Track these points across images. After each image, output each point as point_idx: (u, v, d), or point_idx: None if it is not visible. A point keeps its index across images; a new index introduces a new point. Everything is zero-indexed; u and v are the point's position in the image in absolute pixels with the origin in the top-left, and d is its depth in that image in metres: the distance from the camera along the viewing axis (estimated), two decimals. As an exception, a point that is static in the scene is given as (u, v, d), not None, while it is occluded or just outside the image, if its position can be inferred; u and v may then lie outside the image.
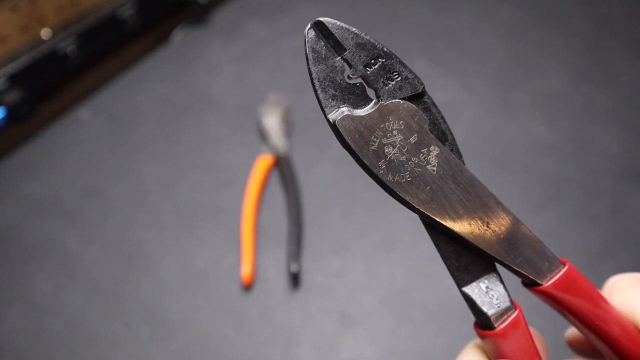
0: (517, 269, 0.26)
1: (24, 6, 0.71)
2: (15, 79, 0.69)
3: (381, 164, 0.25)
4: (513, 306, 0.26)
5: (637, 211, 0.63)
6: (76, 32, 0.74)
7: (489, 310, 0.26)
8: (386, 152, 0.25)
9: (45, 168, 0.71)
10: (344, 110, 0.25)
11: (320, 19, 0.24)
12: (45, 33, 0.73)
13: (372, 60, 0.25)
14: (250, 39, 0.89)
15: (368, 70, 0.25)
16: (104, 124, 0.77)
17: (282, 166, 0.68)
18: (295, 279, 0.58)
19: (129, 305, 0.57)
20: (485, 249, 0.26)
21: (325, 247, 0.62)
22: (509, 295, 0.27)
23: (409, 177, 0.25)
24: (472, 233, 0.26)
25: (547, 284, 0.26)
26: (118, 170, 0.70)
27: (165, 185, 0.69)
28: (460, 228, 0.26)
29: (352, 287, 0.58)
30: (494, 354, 0.26)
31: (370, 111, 0.25)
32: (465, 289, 0.26)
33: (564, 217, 0.63)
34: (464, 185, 0.26)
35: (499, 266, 0.27)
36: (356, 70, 0.25)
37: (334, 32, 0.24)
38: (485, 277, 0.27)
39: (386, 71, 0.25)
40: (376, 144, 0.25)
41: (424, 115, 0.25)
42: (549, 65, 0.82)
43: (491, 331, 0.26)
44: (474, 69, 0.82)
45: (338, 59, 0.25)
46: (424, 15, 0.92)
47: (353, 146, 0.24)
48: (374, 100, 0.25)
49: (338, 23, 0.24)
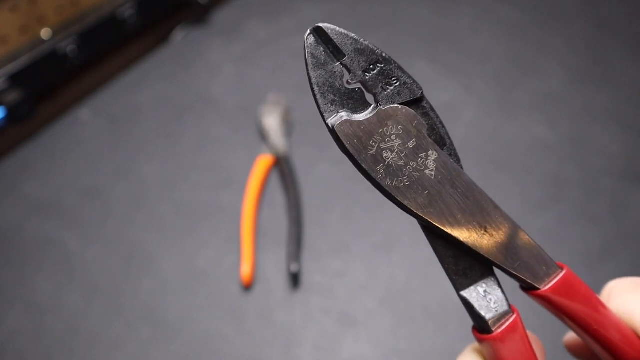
0: (515, 273, 0.26)
1: (24, 6, 0.71)
2: (15, 79, 0.69)
3: (380, 168, 0.25)
4: (511, 310, 0.27)
5: (637, 211, 0.63)
6: (76, 32, 0.74)
7: (487, 315, 0.26)
8: (385, 157, 0.25)
9: (45, 168, 0.71)
10: (343, 115, 0.25)
11: (320, 24, 0.24)
12: (45, 33, 0.73)
13: (371, 66, 0.25)
14: (250, 39, 0.89)
15: (367, 76, 0.25)
16: (104, 124, 0.77)
17: (282, 166, 0.68)
18: (295, 279, 0.59)
19: (129, 305, 0.57)
20: (483, 254, 0.26)
21: (325, 247, 0.62)
22: (507, 300, 0.27)
23: (407, 182, 0.25)
24: (470, 237, 0.26)
25: (545, 288, 0.26)
26: (118, 170, 0.70)
27: (165, 185, 0.69)
28: (459, 232, 0.26)
29: (352, 287, 0.58)
30: (492, 358, 0.26)
31: (369, 116, 0.25)
32: (464, 293, 0.26)
33: (564, 217, 0.63)
34: (462, 189, 0.26)
35: (497, 270, 0.27)
36: (355, 75, 0.25)
37: (333, 38, 0.25)
38: (483, 281, 0.27)
39: (385, 76, 0.25)
40: (375, 148, 0.25)
41: (422, 120, 0.26)
42: (549, 65, 0.82)
43: (489, 335, 0.26)
44: (474, 69, 0.82)
45: (337, 64, 0.25)
46: (424, 15, 0.92)
47: (352, 151, 0.25)
48: (372, 105, 0.25)
49: (337, 29, 0.25)
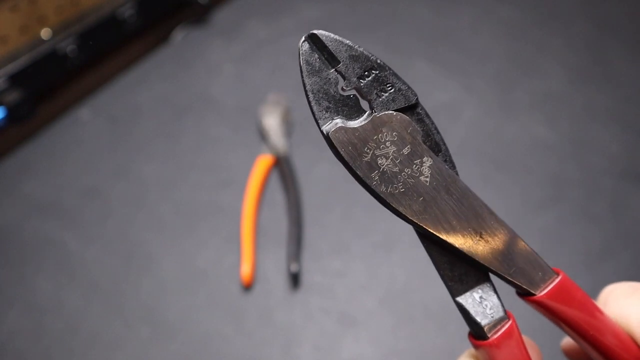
0: (511, 279, 0.26)
1: (24, 6, 0.71)
2: (15, 79, 0.69)
3: (374, 175, 0.25)
4: (507, 316, 0.26)
5: (637, 211, 0.63)
6: (76, 32, 0.74)
7: (483, 320, 0.26)
8: (379, 164, 0.25)
9: (45, 168, 0.72)
10: (338, 122, 0.25)
11: (314, 31, 0.24)
12: (45, 33, 0.73)
13: (366, 72, 0.25)
14: (250, 39, 0.89)
15: (361, 82, 0.25)
16: (104, 124, 0.77)
17: (282, 166, 0.68)
18: (295, 279, 0.59)
19: (129, 305, 0.58)
20: (478, 260, 0.26)
21: (325, 247, 0.62)
22: (503, 305, 0.27)
23: (402, 188, 0.25)
24: (466, 244, 0.26)
25: (541, 294, 0.26)
26: (118, 170, 0.71)
27: (165, 185, 0.69)
28: (454, 239, 0.26)
29: (352, 287, 0.58)
30: (488, 363, 0.27)
31: (363, 123, 0.25)
32: (459, 299, 0.27)
33: (564, 217, 0.63)
34: (457, 196, 0.26)
35: (493, 276, 0.27)
36: (350, 82, 0.25)
37: (327, 45, 0.24)
38: (479, 287, 0.27)
39: (379, 83, 0.25)
40: (369, 155, 0.25)
41: (417, 126, 0.25)
42: (549, 65, 0.82)
43: (485, 341, 0.26)
44: (474, 69, 0.82)
45: (332, 71, 0.25)
46: (424, 15, 0.92)
47: (346, 158, 0.25)
48: (367, 112, 0.25)
49: (332, 35, 0.25)
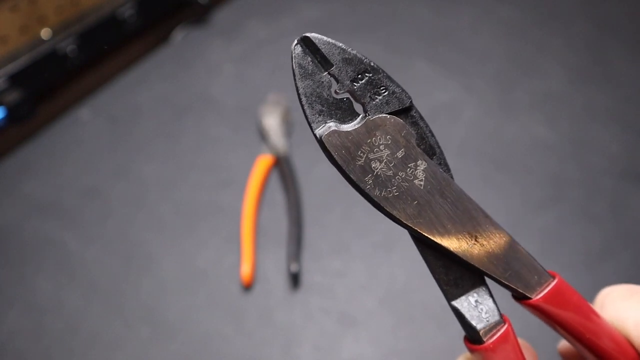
0: (506, 282, 0.26)
1: (24, 6, 0.71)
2: (15, 79, 0.69)
3: (368, 179, 0.25)
4: (502, 320, 0.26)
5: (637, 211, 0.63)
6: (76, 32, 0.74)
7: (478, 325, 0.26)
8: (373, 167, 0.25)
9: (45, 168, 0.72)
10: (331, 125, 0.25)
11: (307, 34, 0.24)
12: (45, 33, 0.73)
13: (359, 75, 0.25)
14: (250, 39, 0.89)
15: (355, 85, 0.25)
16: (104, 124, 0.77)
17: (282, 166, 0.68)
18: (295, 279, 0.59)
19: (129, 305, 0.58)
20: (474, 263, 0.26)
21: (325, 247, 0.62)
22: (498, 309, 0.27)
23: (396, 192, 0.25)
24: (461, 247, 0.26)
25: (537, 297, 0.26)
26: (118, 170, 0.71)
27: (165, 185, 0.69)
28: (449, 242, 0.25)
29: (352, 287, 0.58)
30: (484, 368, 0.26)
31: (357, 126, 0.25)
32: (455, 303, 0.26)
33: (564, 217, 0.63)
34: (451, 199, 0.25)
35: (488, 280, 0.27)
36: (343, 85, 0.25)
37: (320, 48, 0.24)
38: (474, 291, 0.26)
39: (373, 86, 0.25)
40: (363, 159, 0.25)
41: (411, 129, 0.25)
42: (549, 65, 0.82)
43: (480, 345, 0.26)
44: (474, 69, 0.82)
45: (325, 74, 0.25)
46: (424, 15, 0.92)
47: (340, 161, 0.24)
48: (361, 115, 0.25)
49: (325, 38, 0.24)
